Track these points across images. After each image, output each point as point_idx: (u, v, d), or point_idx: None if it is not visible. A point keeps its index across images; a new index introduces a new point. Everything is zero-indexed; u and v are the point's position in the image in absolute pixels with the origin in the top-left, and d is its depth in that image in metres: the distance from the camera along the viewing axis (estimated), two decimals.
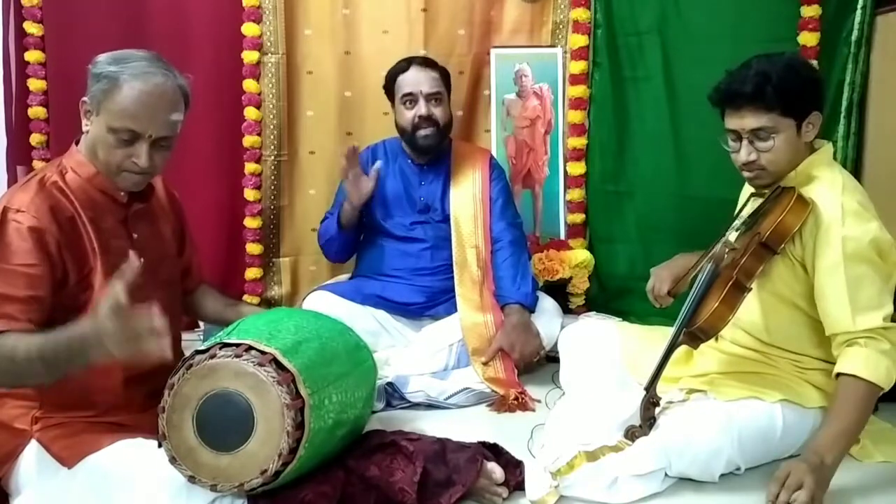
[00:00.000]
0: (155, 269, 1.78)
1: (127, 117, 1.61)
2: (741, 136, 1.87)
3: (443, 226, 2.68)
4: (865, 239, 1.76)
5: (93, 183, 1.68)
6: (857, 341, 1.73)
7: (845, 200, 1.80)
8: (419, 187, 2.74)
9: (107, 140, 1.64)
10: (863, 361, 1.71)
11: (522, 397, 2.31)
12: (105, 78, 1.62)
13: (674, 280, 2.11)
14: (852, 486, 1.78)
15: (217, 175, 3.06)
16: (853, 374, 1.70)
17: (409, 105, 2.63)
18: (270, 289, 3.18)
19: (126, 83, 1.61)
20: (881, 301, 1.76)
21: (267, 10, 2.98)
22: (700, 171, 2.85)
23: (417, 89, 2.61)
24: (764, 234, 1.79)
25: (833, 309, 1.77)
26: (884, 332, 1.74)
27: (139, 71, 1.63)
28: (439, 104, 2.64)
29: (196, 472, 1.44)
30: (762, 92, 1.80)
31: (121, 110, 1.61)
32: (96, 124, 1.65)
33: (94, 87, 1.63)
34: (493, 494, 1.66)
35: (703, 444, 1.74)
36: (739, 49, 2.25)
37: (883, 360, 1.71)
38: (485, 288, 2.59)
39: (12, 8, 2.89)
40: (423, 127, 2.62)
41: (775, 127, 1.83)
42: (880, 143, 2.73)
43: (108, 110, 1.62)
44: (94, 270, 1.63)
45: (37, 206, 1.56)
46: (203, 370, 1.44)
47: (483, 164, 2.76)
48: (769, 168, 1.87)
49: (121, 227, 1.72)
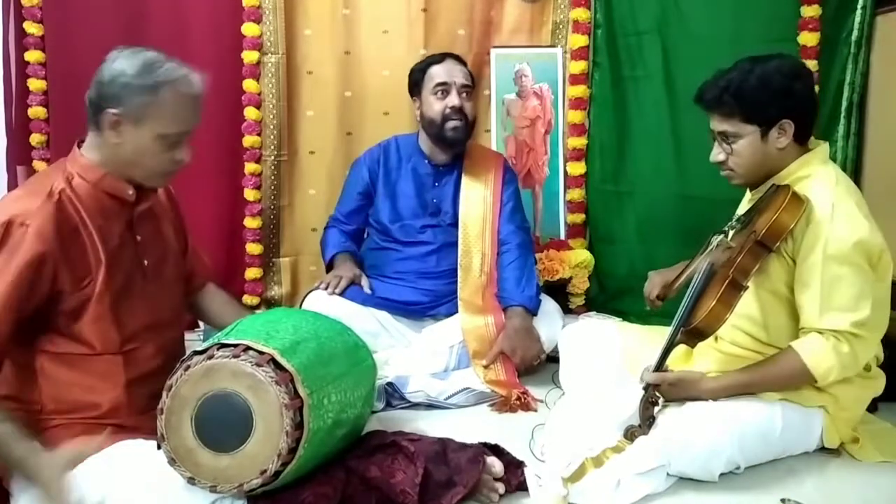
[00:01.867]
0: (158, 271, 1.79)
1: (179, 122, 1.65)
2: (715, 136, 1.95)
3: (451, 230, 2.66)
4: (850, 241, 1.78)
5: (100, 186, 1.67)
6: (822, 333, 1.79)
7: (837, 200, 1.82)
8: (432, 188, 2.71)
9: (153, 148, 1.64)
10: (813, 349, 1.78)
11: (525, 397, 2.31)
12: (143, 90, 1.61)
13: (664, 285, 2.14)
14: (852, 486, 1.78)
15: (217, 175, 3.06)
16: (798, 352, 1.79)
17: (441, 95, 2.60)
18: (270, 289, 3.18)
19: (167, 90, 1.62)
20: (855, 305, 1.78)
21: (267, 10, 2.99)
22: (700, 171, 2.82)
23: (451, 79, 2.60)
24: (759, 232, 1.80)
25: (805, 304, 1.82)
26: (850, 336, 1.78)
27: (174, 76, 1.64)
28: (469, 99, 2.63)
29: (195, 474, 1.43)
30: (720, 100, 1.89)
31: (172, 116, 1.64)
32: (135, 134, 1.63)
33: (133, 99, 1.61)
34: (490, 490, 1.66)
35: (703, 443, 1.75)
36: (739, 49, 2.24)
37: (832, 359, 1.77)
38: (487, 291, 2.58)
39: (12, 8, 2.89)
40: (453, 118, 2.58)
41: (737, 132, 1.90)
42: (880, 143, 2.73)
43: (156, 119, 1.62)
44: (94, 281, 1.62)
45: (42, 221, 1.55)
46: (201, 371, 1.43)
47: (497, 168, 2.74)
48: (737, 170, 1.94)
49: (126, 231, 1.72)
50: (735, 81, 1.87)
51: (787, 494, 1.69)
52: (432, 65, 2.65)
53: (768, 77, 1.87)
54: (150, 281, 1.76)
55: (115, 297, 1.65)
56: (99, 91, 1.63)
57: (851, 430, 1.94)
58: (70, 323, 1.61)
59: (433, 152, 2.70)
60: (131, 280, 1.70)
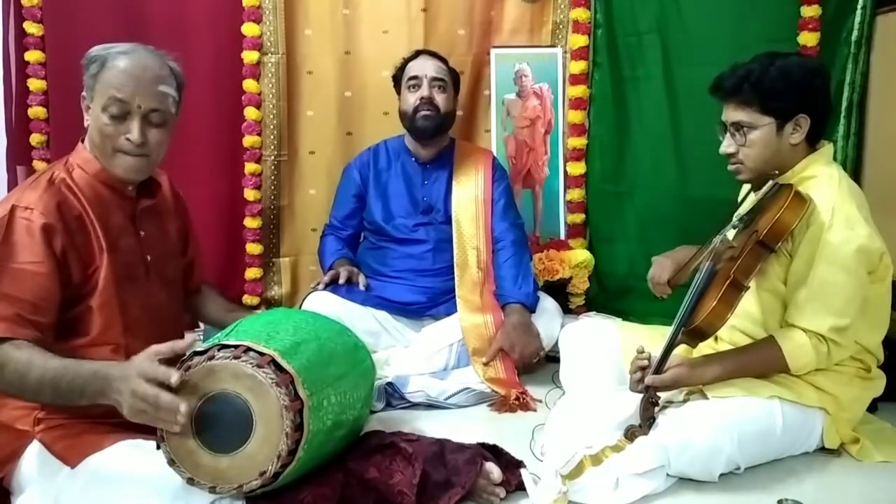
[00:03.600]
0: (160, 268, 1.80)
1: (113, 88, 1.64)
2: (727, 127, 1.95)
3: (445, 227, 2.68)
4: (847, 247, 1.79)
5: (99, 178, 1.69)
6: (805, 331, 1.82)
7: (837, 204, 1.82)
8: (422, 187, 2.74)
9: (101, 122, 1.66)
10: (794, 345, 1.82)
11: (524, 397, 2.31)
12: (93, 62, 1.67)
13: (675, 268, 2.12)
14: (852, 486, 1.79)
15: (217, 175, 3.07)
16: (781, 346, 1.84)
17: (412, 89, 2.65)
18: (270, 289, 3.18)
19: (111, 60, 1.66)
20: (840, 311, 1.81)
21: (267, 10, 2.99)
22: (700, 170, 2.85)
23: (423, 73, 2.64)
24: (761, 231, 1.80)
25: (794, 301, 1.85)
26: (831, 342, 1.81)
27: (123, 49, 1.68)
28: (442, 91, 2.65)
29: (195, 474, 1.43)
30: (739, 88, 1.89)
31: (108, 85, 1.65)
32: (93, 113, 1.68)
33: (86, 75, 1.68)
34: (490, 494, 1.66)
35: (703, 443, 1.75)
36: (739, 49, 2.25)
37: (810, 355, 1.81)
38: (485, 289, 2.59)
39: (12, 8, 2.89)
40: (422, 109, 2.63)
41: (752, 123, 1.90)
42: (880, 143, 2.73)
43: (99, 91, 1.66)
44: (100, 269, 1.64)
45: (45, 204, 1.58)
46: (201, 371, 1.43)
47: (486, 165, 2.76)
48: (746, 163, 1.94)
49: (129, 225, 1.74)
50: (756, 72, 1.88)
51: (787, 495, 1.69)
52: (408, 62, 2.71)
53: (789, 70, 1.88)
54: (152, 277, 1.77)
55: (119, 285, 1.66)
56: None
57: (851, 431, 1.95)
58: (76, 312, 1.62)
59: (417, 150, 2.75)
60: (134, 273, 1.72)
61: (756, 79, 1.87)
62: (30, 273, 1.53)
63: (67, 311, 1.61)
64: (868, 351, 1.95)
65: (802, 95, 1.88)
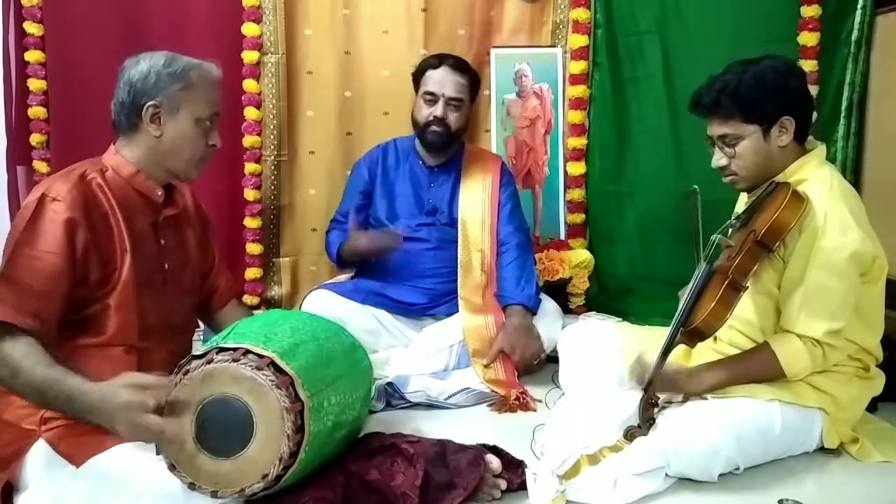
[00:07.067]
0: (177, 277, 1.82)
1: (211, 104, 1.75)
2: (714, 142, 1.95)
3: (448, 229, 2.68)
4: (841, 252, 1.79)
5: (132, 182, 1.73)
6: (800, 337, 1.81)
7: (830, 208, 1.82)
8: (428, 189, 2.74)
9: (192, 134, 1.74)
10: (789, 351, 1.82)
11: (524, 397, 2.31)
12: (175, 78, 1.71)
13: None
14: (852, 486, 1.78)
15: (217, 175, 3.05)
16: (776, 352, 1.83)
17: (428, 103, 2.63)
18: (270, 289, 3.18)
19: (195, 75, 1.73)
20: (834, 315, 1.80)
21: (267, 10, 2.98)
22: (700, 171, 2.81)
23: (441, 91, 2.62)
24: (759, 231, 1.80)
25: (787, 306, 1.84)
26: (826, 345, 1.80)
27: (197, 62, 1.76)
28: (457, 110, 2.64)
29: (196, 479, 1.42)
30: (718, 102, 1.89)
31: (204, 99, 1.74)
32: (173, 122, 1.72)
33: (168, 89, 1.70)
34: (490, 487, 1.66)
35: (702, 443, 1.75)
36: (739, 49, 2.25)
37: (805, 361, 1.81)
38: (487, 291, 2.59)
39: (12, 8, 2.89)
40: (433, 126, 2.62)
41: (738, 134, 1.90)
42: (880, 143, 2.73)
43: (190, 104, 1.72)
44: (119, 270, 1.66)
45: (73, 198, 1.60)
46: (201, 375, 1.43)
47: (494, 170, 2.76)
48: (740, 173, 1.94)
49: (151, 231, 1.76)
50: (731, 83, 1.88)
51: (787, 495, 1.68)
52: (428, 68, 2.66)
53: (762, 75, 1.88)
54: (168, 285, 1.79)
55: (139, 288, 1.68)
56: (131, 91, 1.71)
57: (851, 431, 1.95)
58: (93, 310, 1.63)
59: (426, 154, 2.74)
60: (152, 278, 1.74)
61: (732, 90, 1.87)
62: (45, 262, 1.55)
63: (84, 309, 1.63)
64: (866, 351, 1.95)
65: (781, 98, 1.87)
